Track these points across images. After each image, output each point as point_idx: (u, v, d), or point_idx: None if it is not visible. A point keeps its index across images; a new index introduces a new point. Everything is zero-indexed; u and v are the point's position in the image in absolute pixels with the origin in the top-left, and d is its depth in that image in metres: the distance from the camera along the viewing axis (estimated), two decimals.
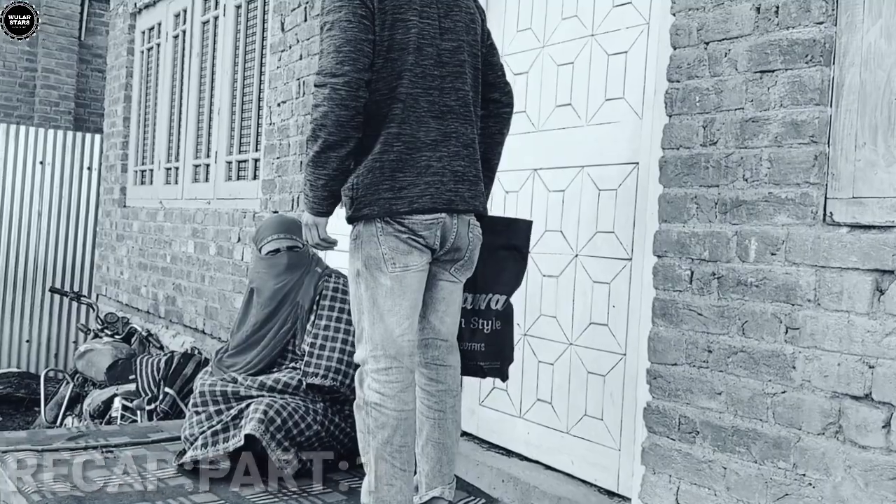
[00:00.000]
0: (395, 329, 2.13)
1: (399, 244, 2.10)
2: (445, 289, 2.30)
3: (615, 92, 2.68)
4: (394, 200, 2.08)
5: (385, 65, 2.08)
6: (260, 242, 3.03)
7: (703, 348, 2.21)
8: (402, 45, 2.09)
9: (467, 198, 2.18)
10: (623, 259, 2.62)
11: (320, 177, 2.11)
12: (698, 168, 2.25)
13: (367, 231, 2.12)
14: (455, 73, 2.18)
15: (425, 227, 2.11)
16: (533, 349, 2.94)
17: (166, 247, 5.86)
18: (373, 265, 2.12)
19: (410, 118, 2.10)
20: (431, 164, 2.11)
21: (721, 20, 2.21)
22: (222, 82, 5.27)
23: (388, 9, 2.07)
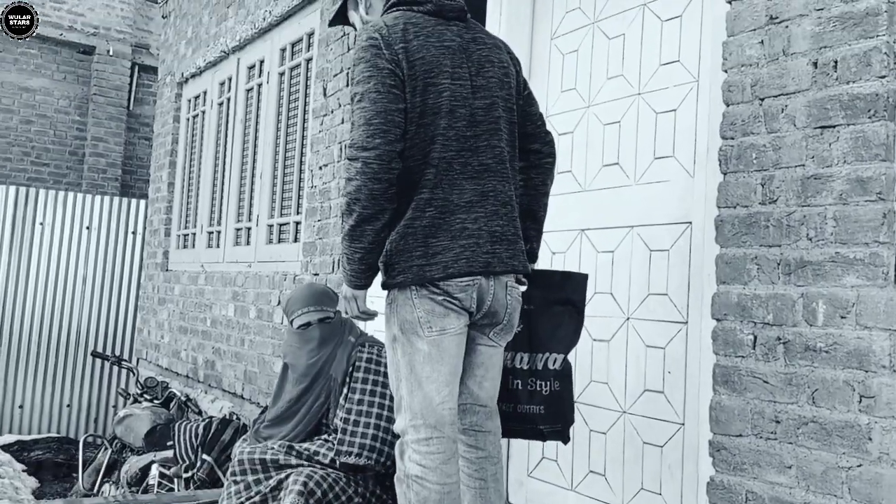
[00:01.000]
0: (434, 397, 2.04)
1: (435, 307, 2.03)
2: (484, 353, 2.20)
3: (664, 150, 2.62)
4: (427, 266, 2.02)
5: (418, 131, 2.03)
6: (291, 315, 2.97)
7: (770, 419, 2.08)
8: (435, 109, 2.03)
9: (505, 258, 2.10)
10: (678, 322, 2.51)
11: (356, 250, 2.05)
12: (758, 227, 2.16)
13: (401, 295, 2.05)
14: (490, 130, 2.11)
15: (461, 290, 2.03)
16: (584, 417, 2.82)
17: (207, 310, 5.86)
18: (409, 329, 2.05)
19: (443, 182, 2.04)
20: (467, 226, 2.04)
21: (776, 76, 2.14)
22: (265, 147, 5.32)
23: (419, 74, 2.02)
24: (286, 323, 3.03)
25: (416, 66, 2.01)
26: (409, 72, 2.00)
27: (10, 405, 7.54)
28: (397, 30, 2.03)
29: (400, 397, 2.11)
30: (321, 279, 4.30)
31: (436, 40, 2.06)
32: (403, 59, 2.00)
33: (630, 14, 2.80)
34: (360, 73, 2.02)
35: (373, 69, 2.00)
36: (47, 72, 9.90)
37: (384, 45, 2.00)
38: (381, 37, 2.01)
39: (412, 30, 2.04)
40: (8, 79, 9.59)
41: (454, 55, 2.07)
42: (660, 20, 2.68)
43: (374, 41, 2.02)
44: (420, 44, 2.03)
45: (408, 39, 2.02)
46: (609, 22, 2.88)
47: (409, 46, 2.01)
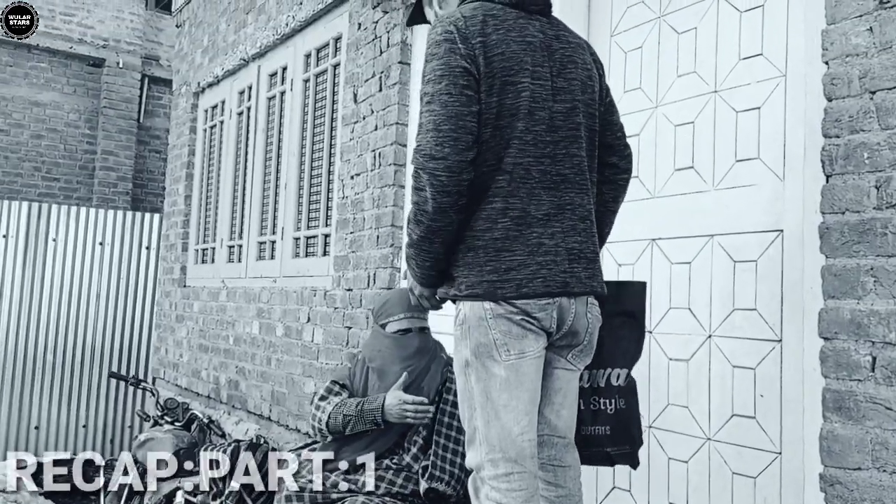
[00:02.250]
0: (513, 427, 1.82)
1: (512, 327, 1.81)
2: (562, 378, 1.98)
3: (748, 152, 2.39)
4: (499, 283, 1.80)
5: (493, 133, 1.81)
6: (386, 318, 2.71)
7: (895, 450, 1.85)
8: (513, 110, 1.82)
9: (584, 279, 1.88)
10: (771, 340, 2.28)
11: (426, 259, 1.88)
12: (873, 235, 1.93)
13: (473, 314, 1.83)
14: (570, 137, 1.90)
15: (540, 308, 1.82)
16: (661, 444, 2.59)
17: (229, 328, 5.64)
18: (484, 353, 1.83)
19: (520, 190, 1.82)
20: (543, 241, 1.82)
21: (890, 66, 1.92)
22: (289, 157, 5.11)
23: (497, 72, 1.80)
24: (374, 325, 2.77)
25: (494, 63, 1.80)
26: (486, 69, 1.79)
27: (25, 426, 7.33)
28: (476, 21, 1.82)
29: (474, 429, 1.89)
30: (355, 295, 4.09)
31: (517, 34, 1.85)
32: (481, 54, 1.79)
33: (702, 6, 2.58)
34: (432, 71, 1.81)
35: (445, 67, 1.79)
36: (57, 85, 9.74)
37: (460, 39, 1.79)
38: (456, 30, 1.80)
39: (492, 22, 1.83)
40: (19, 93, 9.43)
41: (535, 52, 1.86)
42: (738, 11, 2.46)
43: (448, 35, 1.81)
44: (500, 38, 1.82)
45: (486, 33, 1.81)
46: (678, 15, 2.66)
47: (488, 40, 1.80)
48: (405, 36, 3.93)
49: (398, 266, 3.86)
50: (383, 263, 3.89)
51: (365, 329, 3.97)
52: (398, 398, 2.55)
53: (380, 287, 3.88)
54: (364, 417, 2.58)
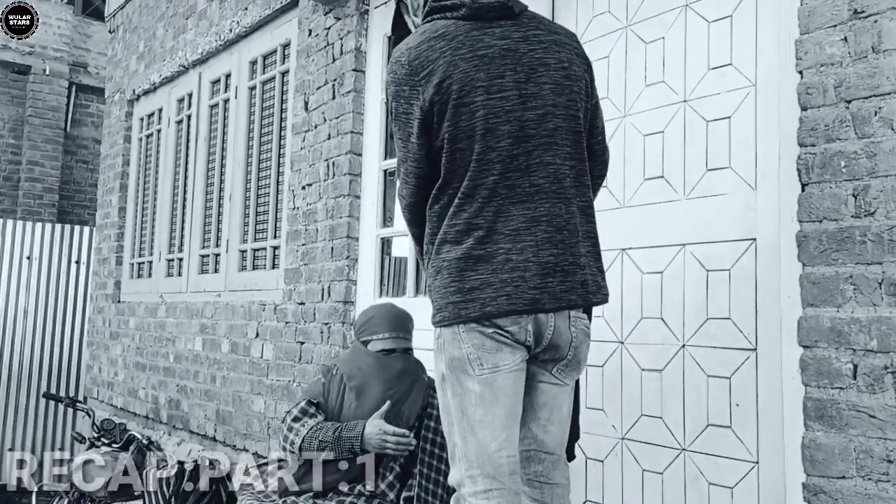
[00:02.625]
0: (489, 443, 1.77)
1: (485, 341, 1.77)
2: (547, 392, 1.92)
3: (719, 161, 2.40)
4: (462, 304, 1.77)
5: (452, 157, 1.81)
6: (370, 335, 2.59)
7: (880, 458, 1.85)
8: (468, 132, 1.79)
9: (559, 293, 1.79)
10: (745, 349, 2.27)
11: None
12: (851, 243, 1.94)
13: (447, 330, 1.82)
14: (543, 145, 1.83)
15: (512, 322, 1.78)
16: (634, 456, 2.56)
17: (169, 344, 5.43)
18: (457, 367, 1.80)
19: (483, 210, 1.79)
20: (511, 257, 1.77)
21: (866, 75, 1.94)
22: (234, 166, 4.96)
23: (447, 97, 1.78)
24: (355, 341, 2.65)
25: (442, 90, 1.79)
26: (435, 97, 1.80)
27: None
28: (421, 50, 1.83)
29: (453, 444, 1.84)
30: (308, 309, 3.97)
31: (468, 51, 1.81)
32: (427, 86, 1.80)
33: (669, 16, 2.58)
34: (389, 112, 1.94)
35: (395, 111, 1.91)
36: None
37: (405, 78, 1.84)
38: (400, 66, 1.85)
39: (438, 45, 1.81)
40: None
41: (492, 64, 1.81)
42: (706, 21, 2.47)
43: (395, 75, 1.87)
44: (447, 61, 1.80)
45: (432, 59, 1.81)
46: (644, 25, 2.66)
47: (435, 67, 1.80)
48: (359, 43, 3.85)
49: (354, 278, 3.76)
50: (339, 276, 3.78)
51: (319, 344, 3.86)
52: (379, 428, 2.44)
53: (335, 300, 3.77)
54: (341, 445, 2.46)
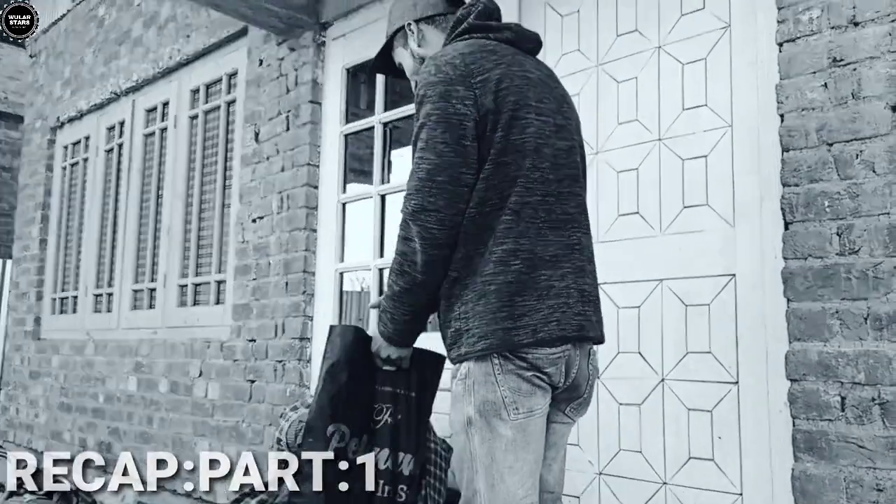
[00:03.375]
0: (517, 490, 1.70)
1: (522, 384, 1.69)
2: (558, 432, 1.89)
3: (696, 199, 2.46)
4: (514, 331, 1.67)
5: (497, 170, 1.70)
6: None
7: (870, 487, 1.92)
8: (518, 147, 1.71)
9: (595, 323, 1.80)
10: (727, 383, 2.33)
11: (406, 313, 1.78)
12: (837, 279, 2.02)
13: (479, 370, 1.69)
14: (571, 176, 1.83)
15: (551, 363, 1.71)
16: (613, 491, 2.57)
17: (98, 384, 5.16)
18: (490, 412, 1.69)
19: (528, 231, 1.71)
20: (553, 283, 1.70)
21: (847, 120, 2.04)
22: (173, 199, 4.79)
23: (503, 107, 1.71)
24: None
25: (499, 98, 1.70)
26: (492, 105, 1.69)
27: None
28: (475, 58, 1.72)
29: (473, 492, 1.74)
30: (259, 346, 3.84)
31: (518, 69, 1.76)
32: (483, 91, 1.68)
33: (641, 57, 2.65)
34: (427, 115, 1.69)
35: (441, 113, 1.67)
36: None
37: (458, 80, 1.68)
38: (453, 68, 1.69)
39: (491, 58, 1.74)
40: None
41: (537, 87, 1.78)
42: (679, 63, 2.55)
43: (444, 76, 1.69)
44: (502, 72, 1.72)
45: (487, 68, 1.71)
46: (616, 65, 2.72)
47: (491, 76, 1.70)
48: (316, 74, 3.81)
49: (311, 314, 3.67)
50: (294, 312, 3.68)
51: (272, 382, 3.74)
52: None
53: (291, 337, 3.67)
54: None
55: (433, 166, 1.67)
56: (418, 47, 1.97)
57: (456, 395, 1.76)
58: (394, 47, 2.05)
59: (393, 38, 2.02)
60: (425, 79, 1.73)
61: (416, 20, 1.96)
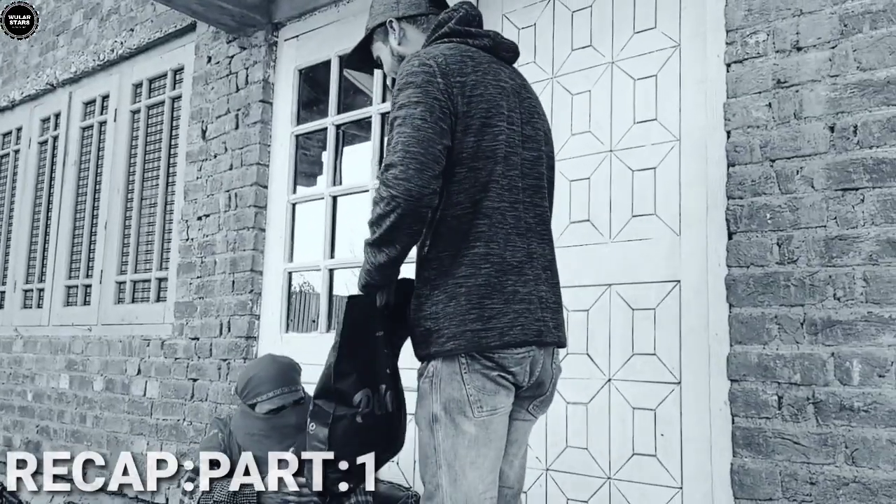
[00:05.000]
0: (478, 485, 1.76)
1: (486, 383, 1.75)
2: (520, 429, 1.96)
3: (644, 208, 2.59)
4: (483, 332, 1.74)
5: (468, 175, 1.77)
6: (254, 398, 2.50)
7: (804, 480, 2.06)
8: (489, 153, 1.77)
9: (552, 328, 1.87)
10: (670, 383, 2.45)
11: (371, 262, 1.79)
12: (776, 286, 2.17)
13: (447, 368, 1.76)
14: (534, 186, 1.91)
15: (516, 363, 1.78)
16: (559, 486, 2.67)
17: (26, 382, 5.00)
18: (455, 409, 1.75)
19: (497, 236, 1.78)
20: (518, 289, 1.77)
21: (789, 138, 2.19)
22: (112, 193, 4.69)
23: (475, 112, 1.77)
24: (241, 405, 2.57)
25: (473, 103, 1.75)
26: (464, 108, 1.75)
27: None
28: (455, 60, 1.77)
29: (436, 486, 1.79)
30: (203, 344, 3.82)
31: (493, 78, 1.83)
32: (459, 93, 1.74)
33: (595, 71, 2.77)
34: (407, 97, 1.73)
35: (423, 95, 1.72)
36: None
37: (440, 75, 1.73)
38: (436, 65, 1.74)
39: (470, 63, 1.80)
40: None
41: (509, 97, 1.85)
42: (632, 78, 2.68)
43: (428, 68, 1.74)
44: (478, 79, 1.78)
45: (465, 73, 1.76)
46: (570, 78, 2.84)
47: (467, 80, 1.76)
48: (267, 74, 3.81)
49: (257, 313, 3.67)
50: (240, 310, 3.68)
51: (216, 381, 3.72)
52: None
53: (236, 336, 3.66)
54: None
55: (409, 139, 1.69)
56: (398, 45, 2.00)
57: (423, 392, 1.81)
58: (373, 41, 2.08)
59: (373, 33, 2.05)
60: (409, 70, 1.77)
61: (398, 18, 2.00)
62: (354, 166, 3.96)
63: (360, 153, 4.15)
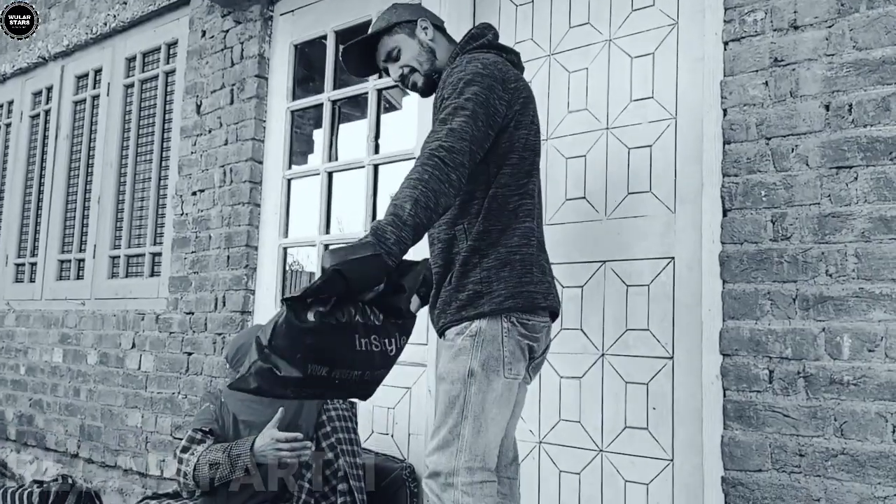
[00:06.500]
0: (493, 439, 1.94)
1: (517, 349, 1.96)
2: (522, 392, 2.18)
3: (640, 186, 2.61)
4: (535, 294, 1.96)
5: (519, 162, 2.01)
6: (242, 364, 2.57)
7: (793, 452, 2.11)
8: (533, 146, 2.07)
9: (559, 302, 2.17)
10: (663, 358, 2.49)
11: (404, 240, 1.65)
12: (769, 263, 2.20)
13: (491, 329, 1.92)
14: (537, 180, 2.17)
15: (541, 329, 2.02)
16: (552, 458, 2.71)
17: (19, 356, 5.01)
18: (492, 368, 1.92)
19: (535, 215, 2.05)
20: (544, 264, 2.08)
21: (785, 116, 2.22)
22: (105, 167, 4.68)
23: (526, 112, 2.04)
24: (231, 373, 2.62)
25: (525, 104, 2.03)
26: (518, 107, 2.00)
27: None
28: (506, 69, 2.02)
29: (457, 435, 1.91)
30: (198, 319, 3.83)
31: (525, 86, 2.09)
32: (514, 97, 1.99)
33: (593, 49, 2.79)
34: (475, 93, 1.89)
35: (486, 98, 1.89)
36: None
37: (500, 81, 1.96)
38: (497, 71, 1.97)
39: (512, 72, 2.05)
40: None
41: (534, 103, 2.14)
42: (629, 56, 2.69)
43: (491, 72, 1.95)
44: (523, 85, 2.06)
45: (514, 79, 2.02)
46: (568, 55, 2.85)
47: (519, 86, 2.03)
48: (263, 49, 3.80)
49: (252, 288, 3.69)
50: (235, 285, 3.69)
51: (210, 355, 3.74)
52: (270, 437, 2.41)
53: (231, 310, 3.67)
54: (233, 463, 2.40)
55: (474, 137, 1.84)
56: (430, 41, 2.20)
57: (461, 348, 1.93)
58: (392, 33, 2.20)
59: (395, 26, 2.18)
60: (476, 69, 1.94)
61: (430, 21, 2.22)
62: (349, 143, 3.96)
63: (353, 131, 4.15)
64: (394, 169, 3.38)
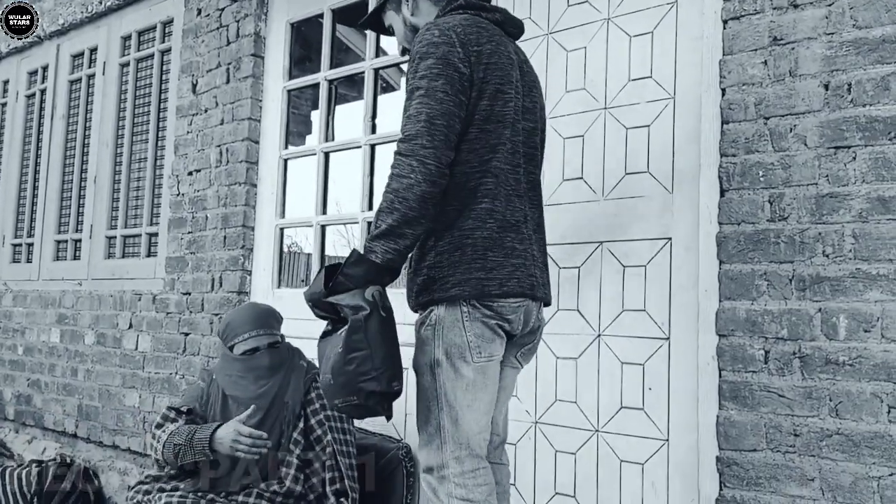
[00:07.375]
0: (473, 426, 1.88)
1: (485, 331, 1.86)
2: (508, 376, 2.11)
3: (637, 166, 2.60)
4: (485, 280, 1.84)
5: (479, 136, 1.88)
6: (232, 340, 2.59)
7: (788, 432, 2.11)
8: (500, 117, 1.90)
9: (541, 285, 2.01)
10: (659, 338, 2.49)
11: (389, 251, 1.80)
12: (766, 244, 2.19)
13: (449, 315, 1.85)
14: (530, 154, 2.04)
15: (513, 311, 1.90)
16: (548, 438, 2.72)
17: (17, 336, 5.01)
18: (456, 354, 1.85)
19: (501, 195, 1.89)
20: (515, 245, 1.91)
21: (783, 96, 2.20)
22: (101, 147, 4.66)
23: (491, 78, 1.88)
24: (222, 348, 2.63)
25: (489, 70, 1.88)
26: (481, 74, 1.86)
27: None
28: (472, 31, 1.88)
29: (437, 427, 1.89)
30: (195, 299, 3.83)
31: (504, 49, 1.95)
32: (477, 61, 1.85)
33: (590, 28, 2.76)
34: (427, 68, 1.82)
35: (443, 67, 1.82)
36: None
37: (459, 44, 1.84)
38: (455, 35, 1.85)
39: (484, 34, 1.91)
40: None
41: (515, 69, 1.97)
42: (627, 35, 2.67)
43: (447, 38, 1.84)
44: (492, 48, 1.90)
45: (481, 42, 1.88)
46: (566, 34, 2.82)
47: (483, 49, 1.88)
48: (258, 28, 3.77)
49: (249, 269, 3.68)
50: (232, 266, 3.68)
51: (207, 335, 3.74)
52: (233, 429, 2.44)
53: (228, 291, 3.67)
54: (194, 447, 2.45)
55: (434, 112, 1.79)
56: (411, 15, 2.10)
57: (424, 339, 1.90)
58: (385, 10, 2.18)
59: (386, 2, 2.14)
60: (429, 39, 1.86)
61: None
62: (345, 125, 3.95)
63: (350, 111, 4.14)
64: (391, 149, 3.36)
